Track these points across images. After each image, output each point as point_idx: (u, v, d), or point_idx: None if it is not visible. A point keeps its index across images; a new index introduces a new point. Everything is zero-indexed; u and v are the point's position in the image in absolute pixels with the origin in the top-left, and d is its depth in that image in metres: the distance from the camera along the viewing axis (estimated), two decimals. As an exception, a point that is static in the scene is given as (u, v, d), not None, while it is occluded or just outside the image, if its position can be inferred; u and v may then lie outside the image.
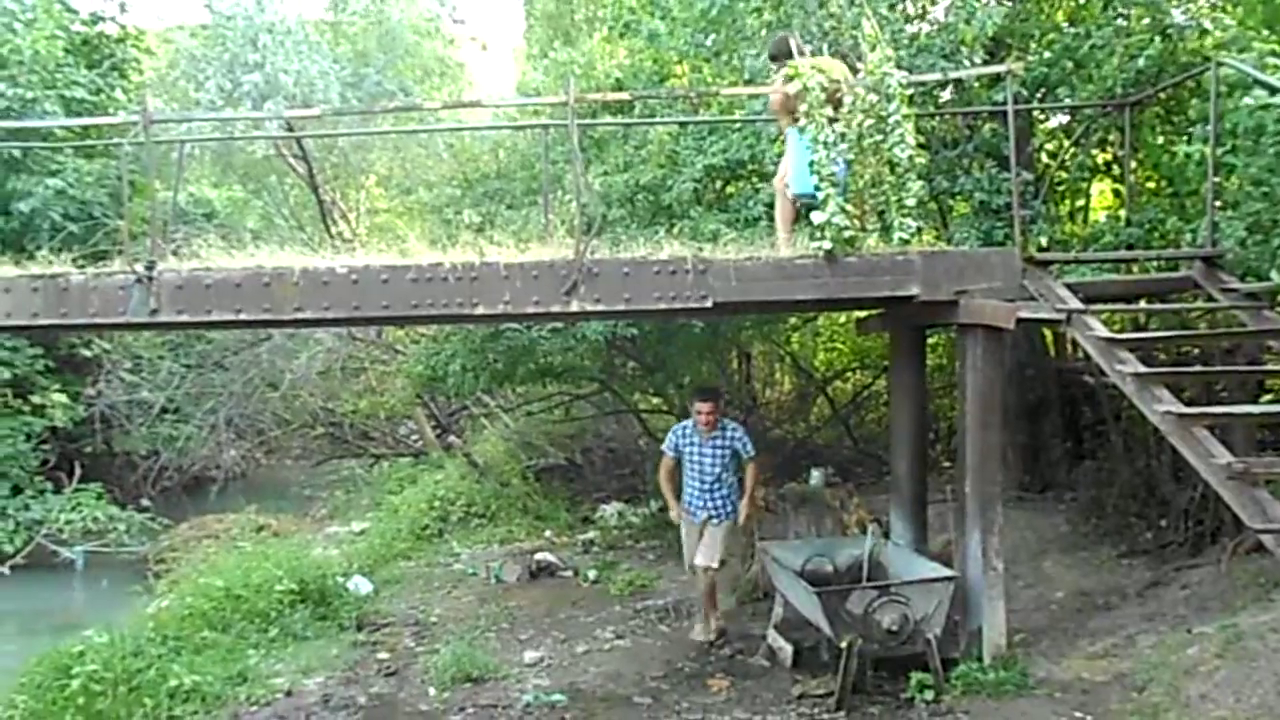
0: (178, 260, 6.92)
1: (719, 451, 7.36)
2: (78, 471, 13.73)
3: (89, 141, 13.44)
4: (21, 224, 13.47)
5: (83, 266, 6.78)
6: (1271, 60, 5.96)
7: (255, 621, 7.97)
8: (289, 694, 6.82)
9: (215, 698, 6.63)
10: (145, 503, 13.99)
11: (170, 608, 8.19)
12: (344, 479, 16.61)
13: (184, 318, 6.45)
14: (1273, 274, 5.78)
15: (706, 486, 7.39)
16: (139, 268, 6.33)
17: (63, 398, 14.38)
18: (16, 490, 13.31)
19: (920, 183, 6.47)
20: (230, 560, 9.20)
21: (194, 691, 6.58)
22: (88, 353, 14.98)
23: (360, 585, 9.54)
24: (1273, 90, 5.70)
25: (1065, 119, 9.08)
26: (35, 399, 14.11)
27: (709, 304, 6.34)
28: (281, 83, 12.44)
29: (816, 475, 9.60)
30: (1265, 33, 6.72)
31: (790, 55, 6.70)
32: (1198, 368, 7.79)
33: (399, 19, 14.94)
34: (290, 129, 12.72)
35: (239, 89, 12.68)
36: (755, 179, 9.09)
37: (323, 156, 14.94)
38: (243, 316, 6.46)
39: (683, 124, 8.94)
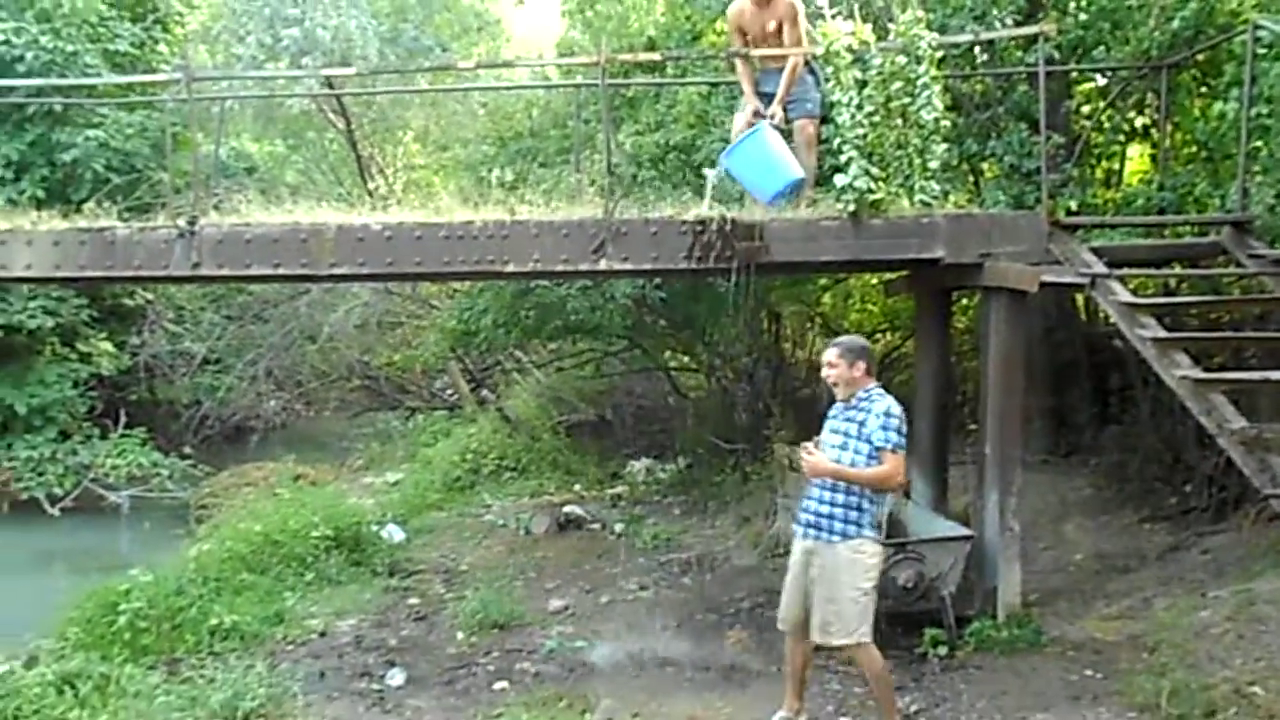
0: (219, 215, 7.13)
1: (844, 425, 4.91)
2: (123, 419, 14.14)
3: (131, 97, 13.69)
4: (65, 175, 13.77)
5: (127, 220, 7.01)
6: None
7: (292, 565, 8.25)
8: (323, 634, 7.10)
9: (253, 636, 6.91)
10: (188, 450, 14.38)
11: (211, 551, 8.48)
12: (379, 431, 16.93)
13: (224, 272, 6.68)
14: (1299, 241, 5.78)
15: (817, 480, 4.94)
16: (181, 223, 6.55)
17: (108, 346, 14.80)
18: (65, 435, 13.75)
19: (945, 146, 6.48)
20: (269, 506, 9.49)
21: (233, 630, 6.87)
22: (131, 303, 15.36)
23: (393, 533, 9.82)
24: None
25: (1103, 81, 8.99)
26: (81, 347, 14.53)
27: (735, 264, 6.43)
28: (320, 38, 12.55)
29: (841, 435, 9.67)
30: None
31: None
32: (1226, 334, 7.76)
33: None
34: (330, 86, 12.85)
35: (279, 44, 12.81)
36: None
37: (361, 112, 15.08)
38: (281, 271, 6.68)
39: (713, 85, 8.95)
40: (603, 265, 6.55)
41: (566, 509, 10.39)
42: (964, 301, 9.88)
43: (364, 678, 6.29)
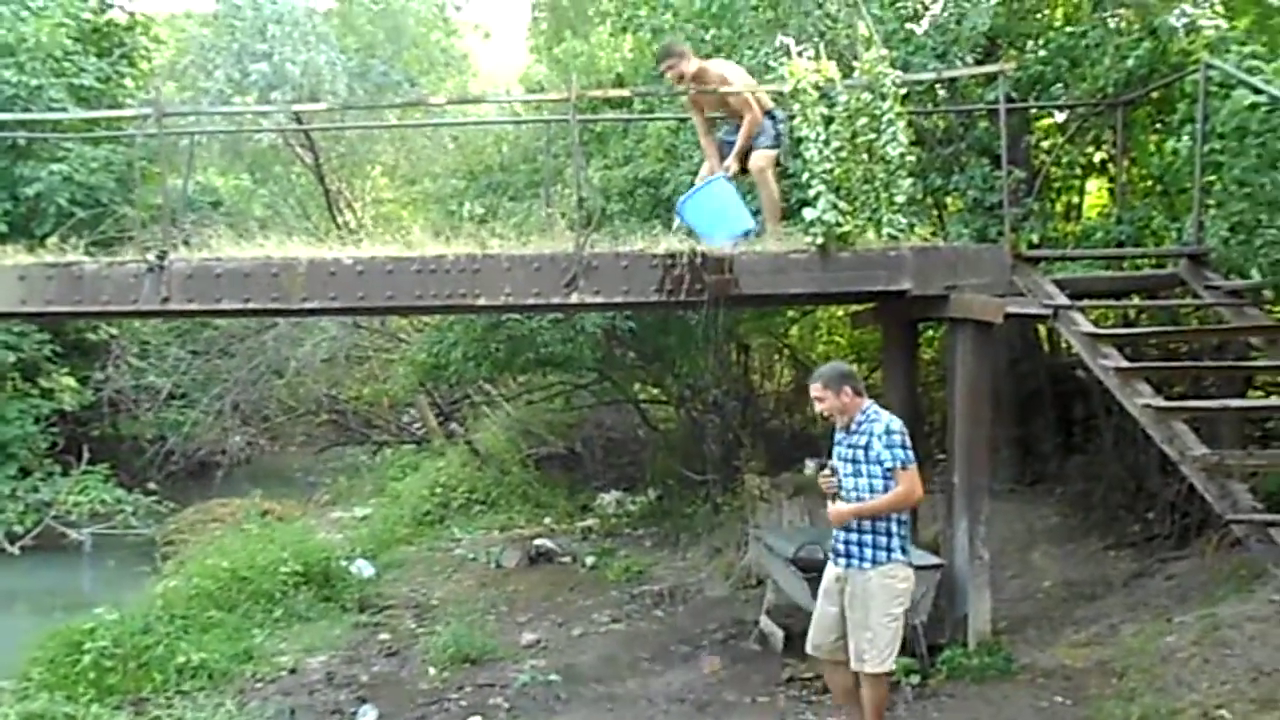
0: (188, 250, 7.10)
1: (851, 452, 4.96)
2: (85, 455, 13.93)
3: (97, 131, 13.62)
4: (28, 209, 13.65)
5: (94, 254, 6.96)
6: (1256, 62, 6.11)
7: (260, 602, 8.19)
8: (293, 671, 7.04)
9: (222, 674, 6.84)
10: (152, 486, 14.19)
11: (177, 588, 8.39)
12: (346, 466, 16.83)
13: (194, 306, 6.66)
14: (1254, 272, 5.94)
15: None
16: (151, 257, 6.52)
17: (71, 381, 14.60)
18: (25, 472, 13.52)
19: (910, 180, 6.62)
20: (236, 542, 9.39)
21: (201, 668, 6.80)
22: (94, 338, 15.18)
23: (363, 568, 9.75)
24: (1257, 91, 5.84)
25: (1061, 117, 9.22)
26: (43, 383, 14.32)
27: (705, 297, 6.50)
28: (289, 73, 12.59)
29: (811, 466, 9.74)
30: (1257, 34, 6.88)
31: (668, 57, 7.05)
32: (1185, 364, 7.93)
33: (403, 7, 15.09)
34: (299, 120, 12.88)
35: (247, 78, 12.83)
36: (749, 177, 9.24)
37: (329, 146, 15.10)
38: (251, 305, 6.66)
39: (682, 119, 9.07)
40: (574, 299, 6.60)
41: (537, 542, 10.37)
42: (929, 333, 10.01)
43: (335, 715, 6.24)
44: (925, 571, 6.40)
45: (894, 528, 4.90)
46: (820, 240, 6.41)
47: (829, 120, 6.50)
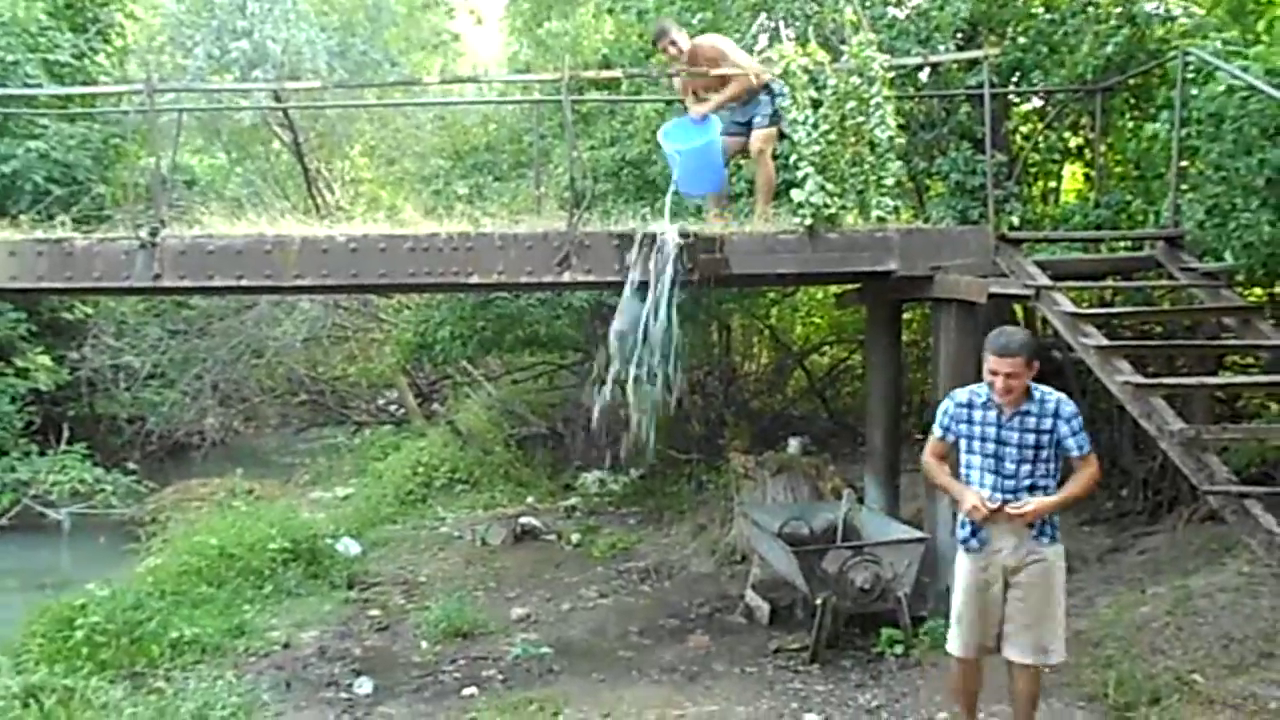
0: (173, 227, 7.10)
1: (1029, 436, 4.33)
2: (64, 434, 13.84)
3: (73, 108, 13.48)
4: (4, 186, 13.49)
5: (87, 231, 6.96)
6: (1233, 48, 6.26)
7: (250, 578, 8.23)
8: (286, 646, 7.10)
9: (215, 649, 6.89)
10: (131, 466, 14.12)
11: (165, 565, 8.41)
12: (325, 446, 16.80)
13: (186, 283, 6.67)
14: (1227, 255, 6.12)
15: (1006, 494, 4.36)
16: (143, 233, 6.52)
17: (47, 361, 14.46)
18: (2, 452, 13.40)
19: (898, 163, 6.75)
20: (222, 520, 9.42)
21: (194, 642, 6.83)
22: (70, 317, 15.04)
23: (349, 546, 9.80)
24: (1234, 77, 6.00)
25: (1039, 102, 9.38)
26: (19, 362, 14.19)
27: (695, 277, 6.60)
28: (270, 51, 12.52)
29: (794, 444, 9.91)
30: (1231, 21, 7.05)
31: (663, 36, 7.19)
32: (1162, 343, 8.13)
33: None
34: (278, 98, 12.83)
35: (227, 56, 12.75)
36: (740, 155, 9.34)
37: (308, 125, 15.03)
38: (244, 282, 6.69)
39: (669, 102, 9.15)
40: (566, 277, 6.69)
41: (522, 520, 10.46)
42: (907, 315, 10.18)
43: (331, 687, 6.32)
44: (909, 545, 6.58)
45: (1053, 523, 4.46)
46: (809, 221, 6.53)
47: (817, 103, 6.62)
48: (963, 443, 4.51)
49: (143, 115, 7.64)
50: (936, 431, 4.63)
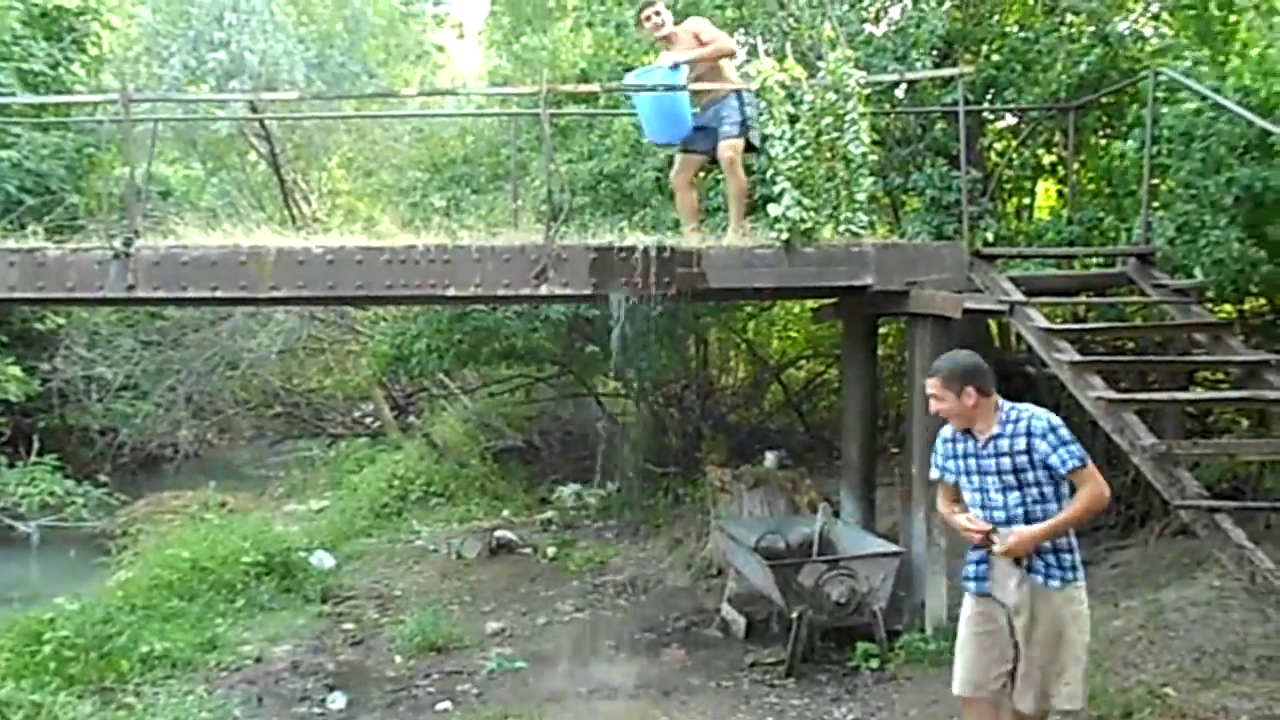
0: (151, 237, 7.06)
1: (1004, 461, 4.00)
2: (35, 445, 13.68)
3: (48, 117, 13.35)
4: (-24, 196, 13.36)
5: (60, 241, 6.90)
6: (1202, 69, 6.36)
7: (222, 592, 8.15)
8: (258, 660, 7.03)
9: (186, 663, 6.81)
10: (102, 478, 13.97)
11: (136, 579, 8.32)
12: (300, 459, 16.68)
13: (160, 294, 6.63)
14: (1197, 271, 6.20)
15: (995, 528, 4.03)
16: (117, 244, 6.48)
17: (17, 371, 14.28)
18: (-31, 464, 13.23)
19: (872, 179, 6.80)
20: (194, 534, 9.33)
21: (165, 657, 6.76)
22: (42, 327, 14.89)
23: (323, 560, 9.73)
24: (1203, 97, 6.10)
25: (1014, 120, 9.48)
26: (-13, 373, 14.02)
27: (673, 290, 6.62)
28: (247, 62, 12.48)
29: (770, 458, 9.93)
30: (1199, 42, 7.15)
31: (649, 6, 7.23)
32: (1134, 358, 8.21)
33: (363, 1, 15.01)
34: (254, 109, 12.78)
35: (203, 66, 12.70)
36: (717, 170, 9.38)
37: (285, 136, 14.98)
38: (219, 294, 6.64)
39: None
40: (543, 290, 6.68)
41: (498, 534, 10.41)
42: (884, 329, 10.24)
43: (304, 702, 6.27)
44: (885, 559, 6.61)
45: (1073, 540, 4.04)
46: (786, 236, 6.56)
47: (794, 119, 6.66)
48: (960, 480, 4.19)
49: (117, 125, 7.58)
50: (933, 474, 4.35)
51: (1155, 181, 6.83)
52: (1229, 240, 6.01)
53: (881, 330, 9.74)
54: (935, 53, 8.49)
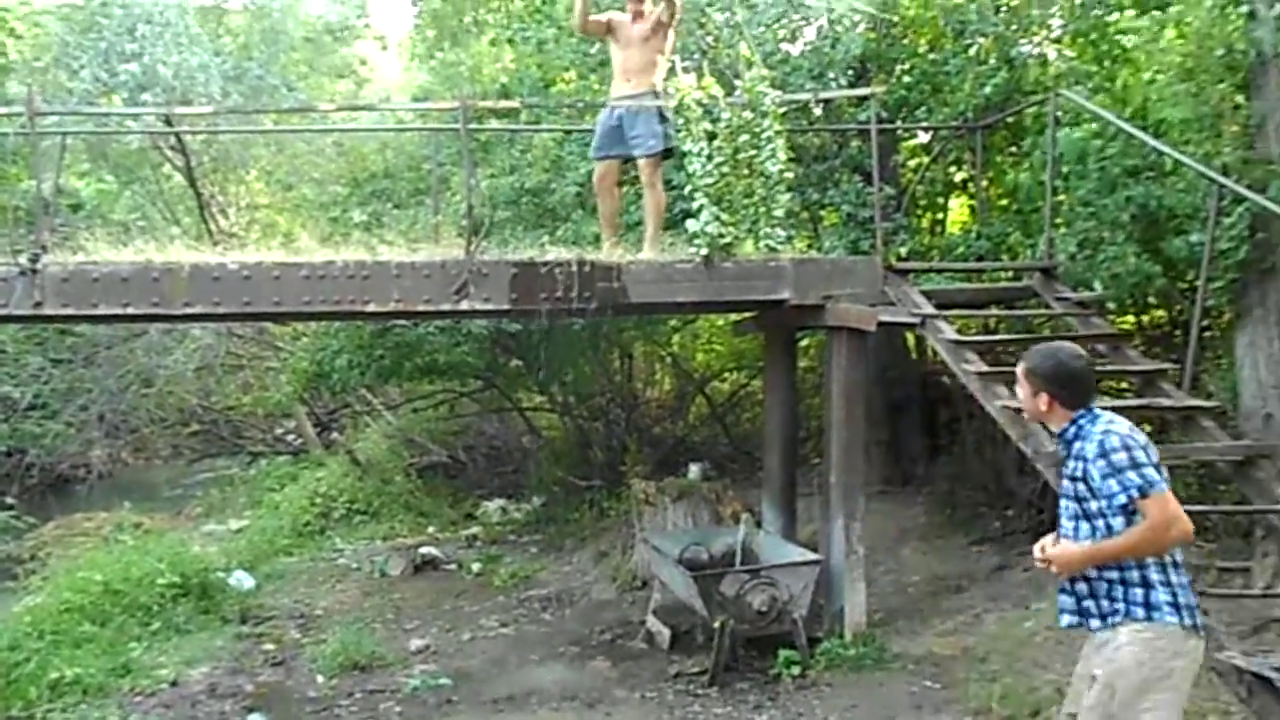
0: (56, 253, 6.89)
1: (1067, 485, 3.44)
2: (-64, 469, 13.20)
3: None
4: None
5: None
6: (1099, 97, 6.66)
7: (136, 615, 7.96)
8: (174, 684, 6.89)
9: (98, 689, 6.64)
10: (9, 501, 13.52)
11: (45, 604, 8.07)
12: (219, 478, 16.34)
13: (69, 311, 6.47)
14: (1097, 285, 6.46)
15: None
16: (23, 260, 6.31)
17: (-85, 391, 13.78)
18: None
19: (789, 195, 6.95)
20: (107, 556, 9.09)
21: (76, 683, 6.59)
22: (-57, 346, 14.38)
23: (242, 580, 9.56)
24: (1101, 119, 6.38)
25: (926, 138, 9.77)
26: (-115, 393, 13.50)
27: (593, 305, 6.68)
28: (160, 74, 12.21)
29: (694, 470, 10.03)
30: (1096, 68, 7.47)
31: None
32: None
33: (286, 8, 14.77)
34: (169, 122, 12.52)
35: (115, 78, 12.39)
36: (636, 184, 9.48)
37: (202, 149, 14.68)
38: (130, 310, 6.50)
39: (567, 131, 9.26)
40: (464, 306, 6.68)
41: (422, 550, 10.34)
42: (805, 342, 10.44)
43: (221, 725, 6.16)
44: (805, 567, 6.72)
45: (1152, 573, 3.29)
46: (705, 251, 6.67)
47: (712, 136, 6.78)
48: None
49: (24, 137, 7.40)
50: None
51: (1057, 199, 7.11)
52: (1125, 255, 6.28)
53: (804, 343, 9.95)
54: (850, 72, 8.71)
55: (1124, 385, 8.66)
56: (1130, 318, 8.22)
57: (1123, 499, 3.22)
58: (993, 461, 9.13)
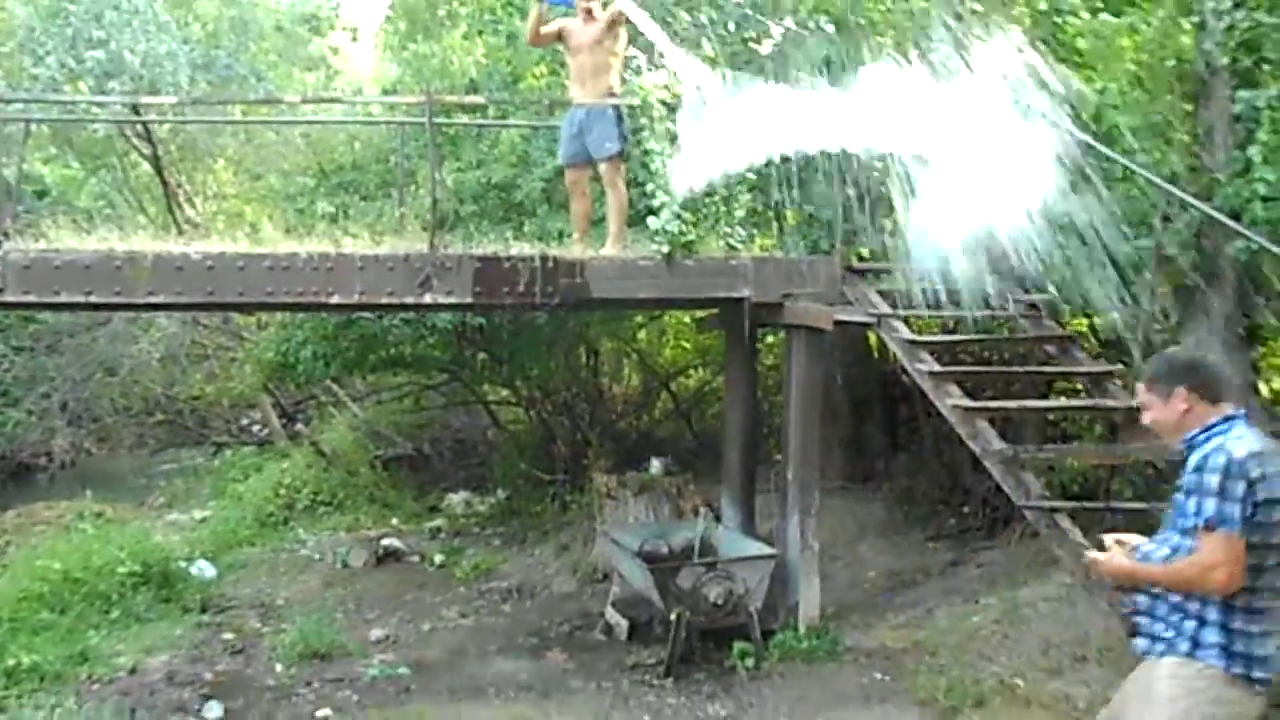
0: (18, 240, 6.87)
1: (1179, 499, 3.17)
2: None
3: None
4: None
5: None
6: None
7: (96, 603, 7.95)
8: (133, 672, 6.89)
9: (56, 676, 6.64)
10: (-32, 490, 13.43)
11: (3, 591, 8.04)
12: (183, 468, 16.27)
13: (31, 298, 6.47)
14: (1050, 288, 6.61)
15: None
16: (-16, 246, 6.30)
17: (-127, 379, 13.64)
18: None
19: (750, 194, 7.05)
20: (68, 544, 9.06)
21: (33, 670, 6.58)
22: (-97, 334, 14.23)
23: (204, 570, 9.57)
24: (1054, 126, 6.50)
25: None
26: None
27: (556, 300, 6.75)
28: (127, 61, 12.13)
29: (656, 465, 10.12)
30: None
31: None
32: (991, 369, 8.65)
33: (249, 2, 14.70)
34: (136, 111, 12.44)
35: (82, 65, 12.29)
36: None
37: (169, 138, 14.60)
38: (93, 299, 6.52)
39: (534, 127, 9.31)
40: (428, 299, 6.74)
41: (385, 542, 10.37)
42: (769, 340, 10.55)
43: (179, 712, 6.18)
44: (760, 561, 6.84)
45: (1211, 610, 3.04)
46: (666, 248, 6.76)
47: (674, 136, 6.86)
48: None
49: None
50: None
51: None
52: (1075, 258, 6.41)
53: (768, 341, 10.06)
54: (818, 73, 8.79)
55: (1078, 387, 8.86)
56: (1083, 320, 8.38)
57: (1193, 523, 3.02)
58: (949, 460, 9.29)
